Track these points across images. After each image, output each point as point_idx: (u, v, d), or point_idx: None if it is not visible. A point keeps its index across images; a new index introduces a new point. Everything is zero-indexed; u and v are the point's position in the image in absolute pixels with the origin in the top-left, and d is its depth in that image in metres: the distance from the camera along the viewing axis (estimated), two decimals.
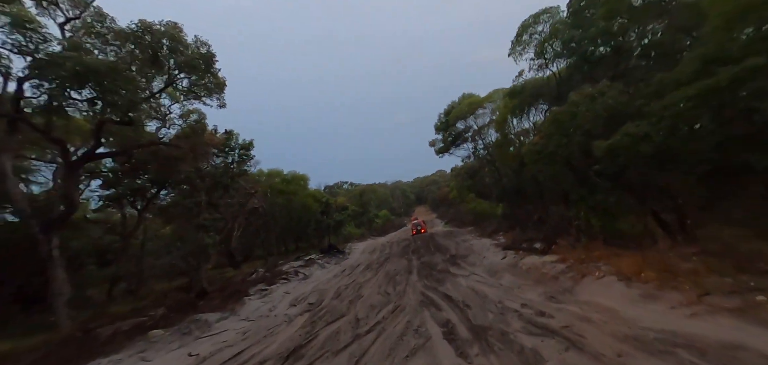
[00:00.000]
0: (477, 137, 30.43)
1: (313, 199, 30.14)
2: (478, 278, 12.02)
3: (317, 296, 12.76)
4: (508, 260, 13.36)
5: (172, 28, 9.25)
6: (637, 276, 6.57)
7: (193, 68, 9.95)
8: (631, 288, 6.23)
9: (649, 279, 6.19)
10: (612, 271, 7.38)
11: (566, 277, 8.43)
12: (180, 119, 12.60)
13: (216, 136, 14.36)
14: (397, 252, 24.03)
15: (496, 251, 17.15)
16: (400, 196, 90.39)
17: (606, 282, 7.04)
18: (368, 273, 16.68)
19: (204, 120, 13.39)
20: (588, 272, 7.90)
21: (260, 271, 16.71)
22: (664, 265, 6.48)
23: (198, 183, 13.13)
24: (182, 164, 12.47)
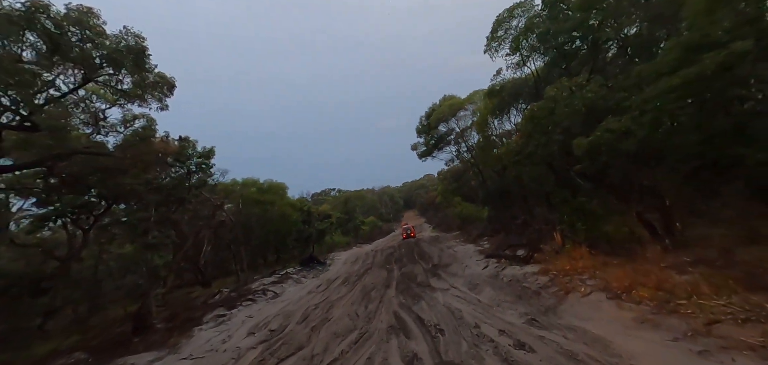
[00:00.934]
0: (460, 140, 29.70)
1: (293, 208, 28.61)
2: (458, 293, 10.92)
3: (281, 320, 11.39)
4: (489, 270, 12.34)
5: (81, 14, 7.77)
6: (628, 292, 5.60)
7: (115, 63, 8.52)
8: (622, 310, 5.23)
9: (643, 297, 5.22)
10: (599, 286, 6.40)
11: (549, 292, 7.41)
12: (123, 126, 11.07)
13: (169, 143, 12.87)
14: (380, 262, 22.80)
15: (479, 259, 16.15)
16: (388, 201, 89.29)
17: (594, 300, 6.04)
18: (344, 288, 15.39)
19: (153, 126, 11.90)
20: (573, 288, 6.90)
21: (225, 291, 15.16)
22: (658, 279, 5.53)
23: (147, 197, 11.61)
24: (125, 177, 10.93)
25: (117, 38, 8.42)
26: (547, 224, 17.26)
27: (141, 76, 9.30)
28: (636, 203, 10.64)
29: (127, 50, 8.44)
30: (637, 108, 8.32)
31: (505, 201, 28.89)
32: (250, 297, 14.79)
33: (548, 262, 9.20)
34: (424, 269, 17.22)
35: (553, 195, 12.18)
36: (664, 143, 7.95)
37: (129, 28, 8.61)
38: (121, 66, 8.65)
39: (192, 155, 13.32)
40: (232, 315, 12.38)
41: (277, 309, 13.05)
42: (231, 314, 12.40)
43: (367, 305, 11.55)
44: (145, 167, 12.03)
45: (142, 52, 8.80)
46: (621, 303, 5.39)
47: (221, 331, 10.73)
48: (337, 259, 28.42)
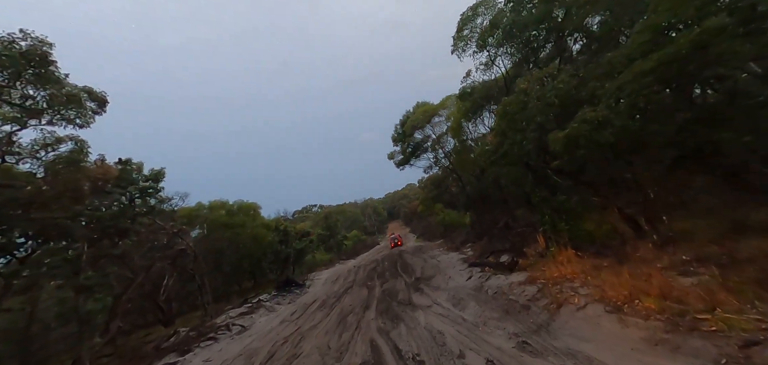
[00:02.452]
0: (436, 146, 29.17)
1: (267, 229, 26.70)
2: (440, 309, 9.82)
3: (242, 362, 9.79)
4: (473, 281, 11.36)
5: None
6: (629, 303, 4.74)
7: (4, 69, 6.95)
8: (628, 327, 4.34)
9: (650, 309, 4.36)
10: (595, 296, 5.53)
11: (539, 305, 6.47)
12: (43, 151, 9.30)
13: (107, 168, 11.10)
14: (362, 278, 21.38)
15: (462, 268, 15.21)
16: (371, 214, 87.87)
17: (591, 314, 5.13)
18: (320, 314, 13.90)
19: (85, 149, 10.16)
20: (565, 299, 6.00)
21: (183, 331, 13.23)
22: (661, 285, 4.71)
23: (75, 232, 9.79)
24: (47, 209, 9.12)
25: (6, 41, 6.84)
26: (529, 226, 16.69)
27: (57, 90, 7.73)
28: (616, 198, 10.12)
29: (21, 55, 6.90)
30: (612, 96, 7.74)
31: (486, 205, 28.48)
32: (212, 335, 12.97)
33: (534, 269, 8.34)
34: (406, 283, 16.05)
35: (532, 195, 11.47)
36: (641, 132, 7.37)
37: (27, 31, 7.08)
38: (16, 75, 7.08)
39: (136, 179, 11.56)
40: (184, 361, 10.60)
41: (240, 348, 11.38)
42: (183, 361, 10.62)
43: (341, 333, 10.20)
44: (76, 196, 10.23)
45: (44, 58, 7.28)
46: (624, 318, 4.50)
47: None
48: (317, 279, 26.65)
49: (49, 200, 9.43)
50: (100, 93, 9.03)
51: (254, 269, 27.10)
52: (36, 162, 9.28)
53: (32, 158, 9.15)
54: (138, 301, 19.67)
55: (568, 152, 8.04)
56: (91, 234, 10.18)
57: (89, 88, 8.96)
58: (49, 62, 7.47)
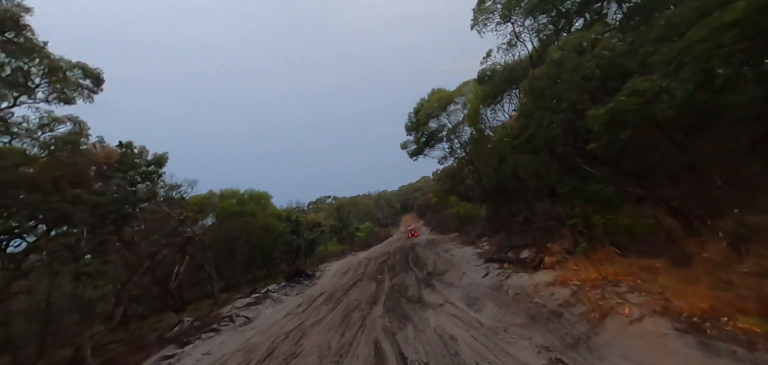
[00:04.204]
0: (452, 136, 27.67)
1: (277, 218, 26.30)
2: (453, 310, 8.74)
3: (240, 359, 9.15)
4: (491, 278, 10.17)
5: None
6: (713, 320, 3.48)
7: None
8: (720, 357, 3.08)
9: (750, 332, 3.09)
10: (653, 306, 4.30)
11: (575, 313, 5.27)
12: (39, 130, 8.88)
13: (109, 151, 10.68)
14: (372, 271, 20.55)
15: (478, 263, 13.99)
16: (385, 206, 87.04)
17: (652, 331, 3.93)
18: (325, 308, 13.14)
19: (84, 131, 9.70)
20: (611, 307, 4.78)
21: (187, 321, 12.85)
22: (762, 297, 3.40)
23: (74, 216, 9.39)
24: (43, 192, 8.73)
25: None
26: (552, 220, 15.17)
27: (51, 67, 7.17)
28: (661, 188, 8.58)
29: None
30: (672, 62, 6.25)
31: (503, 198, 26.86)
32: (216, 325, 12.49)
33: (565, 267, 7.08)
34: (417, 278, 15.04)
35: (559, 185, 10.04)
36: (713, 104, 5.87)
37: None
38: None
39: (139, 164, 11.10)
40: (183, 354, 10.10)
41: (241, 342, 10.77)
42: (182, 353, 10.11)
43: (344, 331, 9.33)
44: (75, 179, 9.83)
45: (16, 22, 6.62)
46: (711, 343, 3.24)
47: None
48: (327, 270, 26.10)
49: (45, 182, 9.04)
50: (95, 70, 8.48)
51: (266, 259, 26.86)
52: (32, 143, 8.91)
53: (29, 139, 8.76)
54: (150, 288, 19.72)
55: (609, 132, 6.65)
56: (90, 219, 9.80)
57: (83, 64, 8.43)
58: (21, 27, 6.87)
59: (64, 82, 8.12)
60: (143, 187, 11.71)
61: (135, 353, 10.38)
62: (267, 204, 25.97)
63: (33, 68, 7.58)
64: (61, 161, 9.26)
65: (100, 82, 8.95)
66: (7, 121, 8.17)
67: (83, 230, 9.61)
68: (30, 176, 8.66)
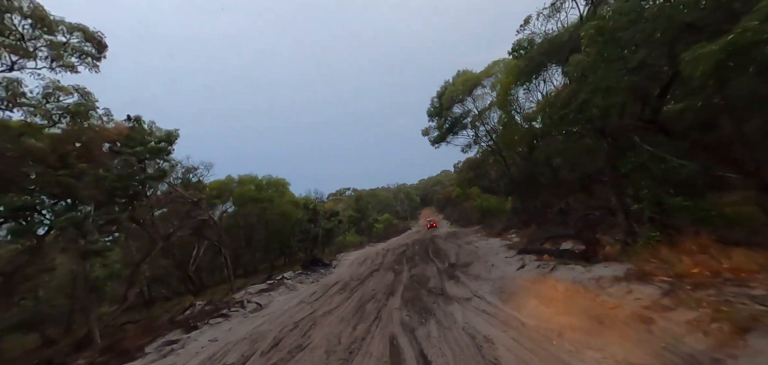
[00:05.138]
0: (477, 122, 25.74)
1: (295, 206, 25.81)
2: (484, 305, 7.38)
3: (245, 348, 8.34)
4: (528, 271, 8.67)
5: None
6: None
7: None
8: None
9: None
10: None
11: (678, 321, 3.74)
12: (44, 100, 8.45)
13: (119, 127, 10.21)
14: (389, 262, 19.44)
15: (509, 255, 12.43)
16: (404, 199, 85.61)
17: None
18: (339, 297, 12.18)
19: (91, 102, 9.22)
20: (752, 316, 3.21)
21: (198, 305, 12.40)
22: None
23: (80, 192, 8.97)
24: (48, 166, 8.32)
25: None
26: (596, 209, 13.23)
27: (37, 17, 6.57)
28: None
29: None
30: None
31: (532, 189, 24.74)
32: (226, 311, 11.90)
33: (636, 259, 5.47)
34: (438, 269, 13.71)
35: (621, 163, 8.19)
36: None
37: None
38: None
39: (147, 140, 10.59)
40: (188, 340, 9.48)
41: (249, 329, 10.03)
42: (187, 339, 9.50)
43: (357, 324, 8.25)
44: (87, 154, 9.42)
45: None
46: None
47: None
48: (344, 260, 25.34)
49: (51, 155, 8.64)
50: (96, 33, 7.89)
51: (283, 246, 26.55)
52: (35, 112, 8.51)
53: (32, 108, 8.36)
54: (171, 271, 19.82)
55: (716, 79, 4.91)
56: (97, 196, 9.38)
57: (82, 26, 7.87)
58: None
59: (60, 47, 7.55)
60: (153, 164, 11.26)
61: (143, 336, 9.93)
62: (285, 191, 25.52)
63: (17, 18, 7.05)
64: (69, 134, 8.85)
65: (102, 47, 8.41)
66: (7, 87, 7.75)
67: (91, 207, 9.24)
68: (38, 149, 8.27)
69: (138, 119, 10.81)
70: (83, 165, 9.00)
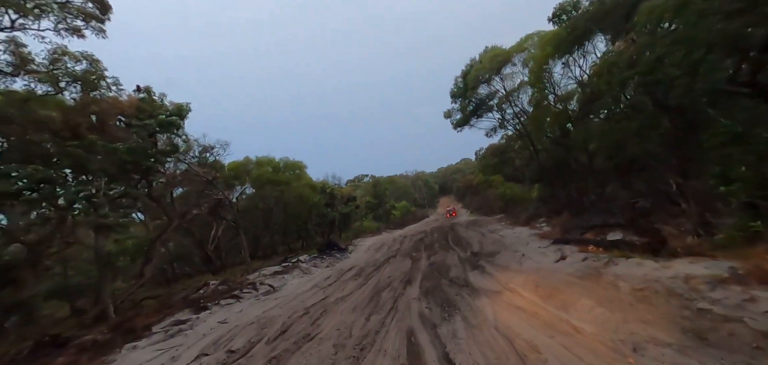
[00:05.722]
0: (504, 105, 23.74)
1: (312, 189, 25.35)
2: (520, 301, 6.23)
3: (253, 333, 7.74)
4: (572, 264, 7.36)
5: None
6: None
7: None
8: None
9: None
10: None
11: None
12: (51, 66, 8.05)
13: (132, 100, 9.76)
14: (407, 249, 18.51)
15: (542, 245, 11.05)
16: (422, 186, 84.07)
17: None
18: (353, 284, 11.42)
19: (99, 70, 8.76)
20: None
21: (211, 284, 12.10)
22: None
23: (90, 164, 8.61)
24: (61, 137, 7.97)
25: None
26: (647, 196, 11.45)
27: None
28: None
29: None
30: None
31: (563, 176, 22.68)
32: (238, 292, 11.49)
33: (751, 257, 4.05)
34: (460, 258, 12.58)
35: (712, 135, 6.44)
36: None
37: None
38: None
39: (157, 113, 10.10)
40: (197, 320, 9.06)
41: (259, 312, 9.48)
42: (196, 319, 9.08)
43: (371, 314, 7.38)
44: (101, 126, 9.05)
45: None
46: None
47: (162, 350, 7.34)
48: (361, 245, 24.72)
49: (61, 126, 8.28)
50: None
51: (300, 230, 26.32)
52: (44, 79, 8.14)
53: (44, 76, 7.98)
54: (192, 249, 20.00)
55: None
56: (108, 169, 9.03)
57: None
58: None
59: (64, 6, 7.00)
60: (164, 139, 10.85)
61: (156, 313, 9.65)
62: (302, 174, 25.06)
63: None
64: (82, 104, 8.46)
65: (106, 8, 7.82)
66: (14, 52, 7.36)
67: (101, 181, 8.93)
68: (51, 119, 7.92)
69: (148, 90, 10.32)
70: (93, 137, 8.59)
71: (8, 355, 6.27)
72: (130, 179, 10.07)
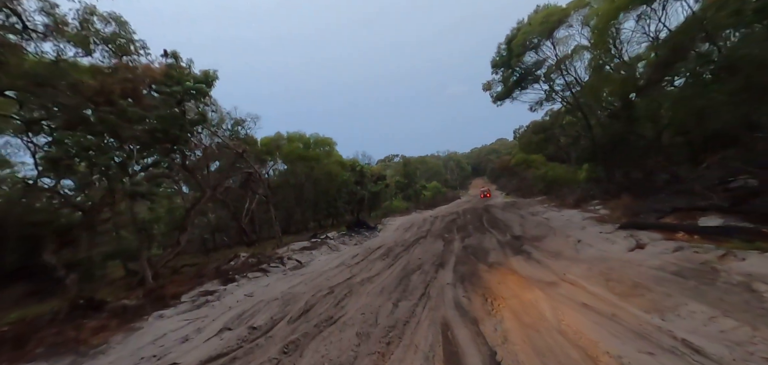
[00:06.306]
0: (554, 74, 20.85)
1: (341, 166, 24.90)
2: (584, 297, 4.92)
3: (277, 309, 7.33)
4: (656, 253, 5.78)
5: None
6: None
7: None
8: None
9: None
10: None
11: None
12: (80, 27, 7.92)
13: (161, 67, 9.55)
14: (438, 230, 17.41)
15: (603, 229, 9.31)
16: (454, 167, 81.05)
17: None
18: (381, 264, 10.69)
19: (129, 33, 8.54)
20: None
21: (243, 257, 12.13)
22: None
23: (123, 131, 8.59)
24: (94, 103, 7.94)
25: None
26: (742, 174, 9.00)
27: None
28: None
29: None
30: None
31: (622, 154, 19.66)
32: (266, 266, 11.34)
33: None
34: (499, 242, 11.24)
35: None
36: None
37: None
38: None
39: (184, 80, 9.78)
40: (224, 292, 8.93)
41: (284, 288, 9.13)
42: (223, 291, 8.95)
43: (399, 300, 6.51)
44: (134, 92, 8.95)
45: None
46: None
47: (188, 321, 7.18)
48: (390, 224, 24.04)
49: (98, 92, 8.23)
50: None
51: (330, 207, 26.26)
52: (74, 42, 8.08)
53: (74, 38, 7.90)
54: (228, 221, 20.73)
55: None
56: (141, 136, 8.99)
57: None
58: None
59: None
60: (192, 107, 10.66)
61: (189, 282, 9.75)
62: (331, 151, 24.65)
63: None
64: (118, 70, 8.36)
65: None
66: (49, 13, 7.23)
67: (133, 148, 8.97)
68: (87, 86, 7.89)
69: (175, 55, 10.04)
70: (123, 102, 8.49)
71: (48, 315, 6.45)
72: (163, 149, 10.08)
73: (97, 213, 11.98)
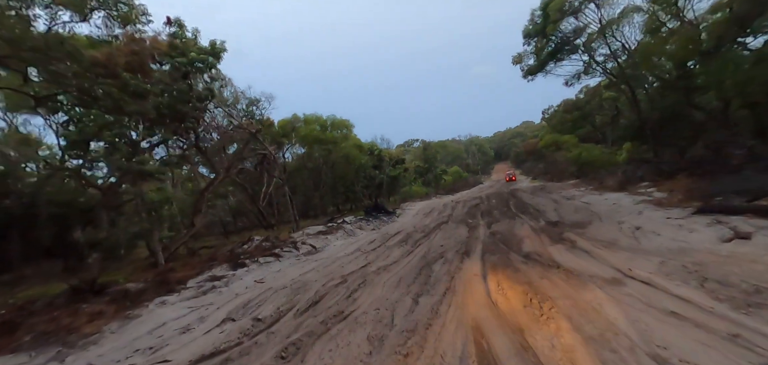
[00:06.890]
0: (596, 42, 18.28)
1: (359, 150, 23.94)
2: (669, 302, 3.62)
3: (284, 299, 6.58)
4: None
5: None
6: None
7: None
8: None
9: None
10: None
11: None
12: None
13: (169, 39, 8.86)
14: (460, 215, 16.11)
15: (668, 214, 7.66)
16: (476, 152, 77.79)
17: None
18: (399, 251, 9.70)
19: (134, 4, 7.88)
20: None
21: (256, 240, 11.62)
22: None
23: (127, 106, 8.06)
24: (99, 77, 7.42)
25: None
26: None
27: None
28: None
29: None
30: None
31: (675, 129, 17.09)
32: (279, 250, 10.73)
33: None
34: (532, 228, 9.84)
35: None
36: None
37: None
38: None
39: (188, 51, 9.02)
40: (233, 277, 8.36)
41: (295, 274, 8.41)
42: (233, 276, 8.38)
43: (419, 295, 5.49)
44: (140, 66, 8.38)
45: None
46: None
47: (191, 309, 6.60)
48: (409, 209, 22.97)
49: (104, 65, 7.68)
50: None
51: (348, 191, 25.56)
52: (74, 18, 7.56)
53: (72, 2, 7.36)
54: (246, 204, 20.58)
55: None
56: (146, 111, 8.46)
57: None
58: None
59: None
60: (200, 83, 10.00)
61: (197, 266, 9.30)
62: (349, 134, 23.70)
63: None
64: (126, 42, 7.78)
65: None
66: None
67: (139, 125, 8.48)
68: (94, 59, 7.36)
69: (179, 23, 9.29)
70: (126, 75, 7.90)
71: (48, 297, 6.11)
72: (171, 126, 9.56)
73: (114, 193, 11.89)
